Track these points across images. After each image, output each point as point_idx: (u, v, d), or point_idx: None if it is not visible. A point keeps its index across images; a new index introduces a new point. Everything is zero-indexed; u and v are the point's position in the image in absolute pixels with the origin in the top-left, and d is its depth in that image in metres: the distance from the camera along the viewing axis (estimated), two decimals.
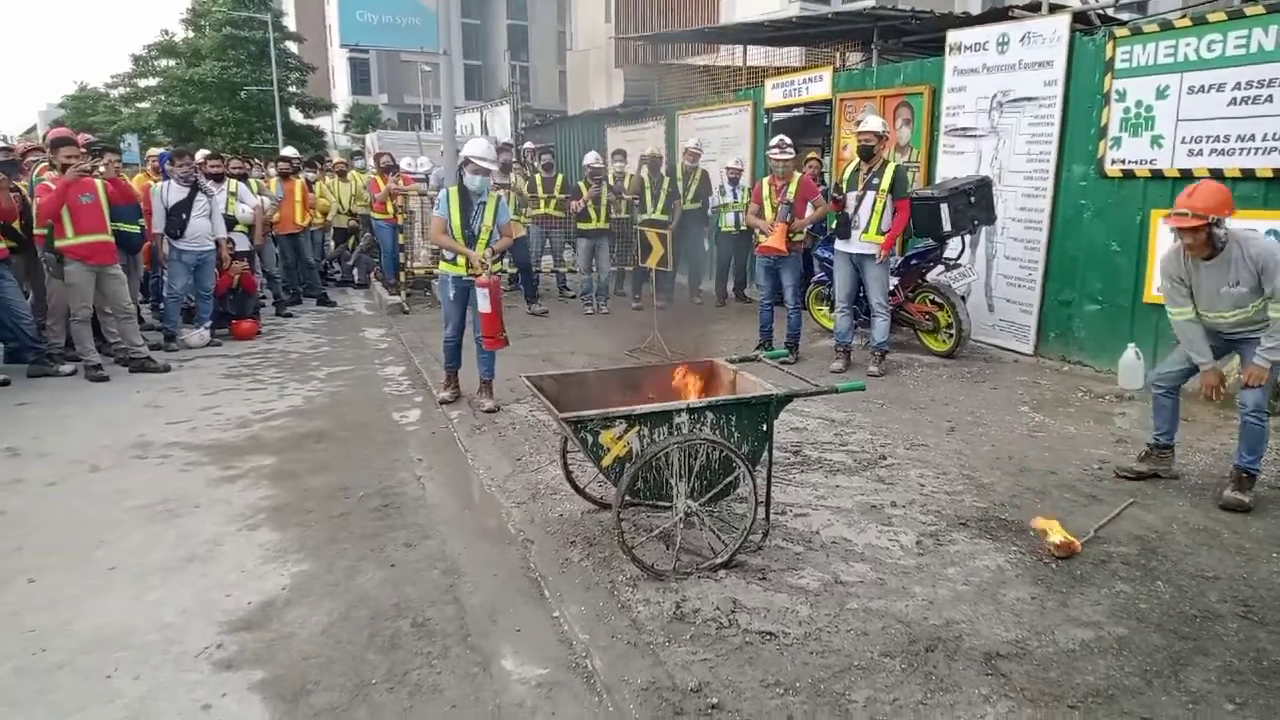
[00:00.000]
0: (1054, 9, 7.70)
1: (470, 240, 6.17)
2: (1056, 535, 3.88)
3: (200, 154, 10.21)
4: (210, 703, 2.96)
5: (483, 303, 6.04)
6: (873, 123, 7.10)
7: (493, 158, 6.35)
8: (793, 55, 14.99)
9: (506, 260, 10.53)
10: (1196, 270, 4.42)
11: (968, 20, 9.72)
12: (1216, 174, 6.11)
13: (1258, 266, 4.21)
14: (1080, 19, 7.45)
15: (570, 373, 4.54)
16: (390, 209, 11.64)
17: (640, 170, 10.94)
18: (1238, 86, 6.10)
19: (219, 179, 9.67)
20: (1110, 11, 8.33)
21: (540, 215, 11.26)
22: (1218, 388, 4.42)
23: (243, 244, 9.92)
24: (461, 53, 53.38)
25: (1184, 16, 6.46)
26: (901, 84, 9.19)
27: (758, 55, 13.93)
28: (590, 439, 3.66)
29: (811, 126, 10.93)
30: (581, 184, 10.87)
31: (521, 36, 59.86)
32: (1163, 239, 6.71)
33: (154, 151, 11.39)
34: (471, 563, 4.03)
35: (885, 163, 7.08)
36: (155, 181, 9.40)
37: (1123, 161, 6.97)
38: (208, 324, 9.13)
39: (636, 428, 3.71)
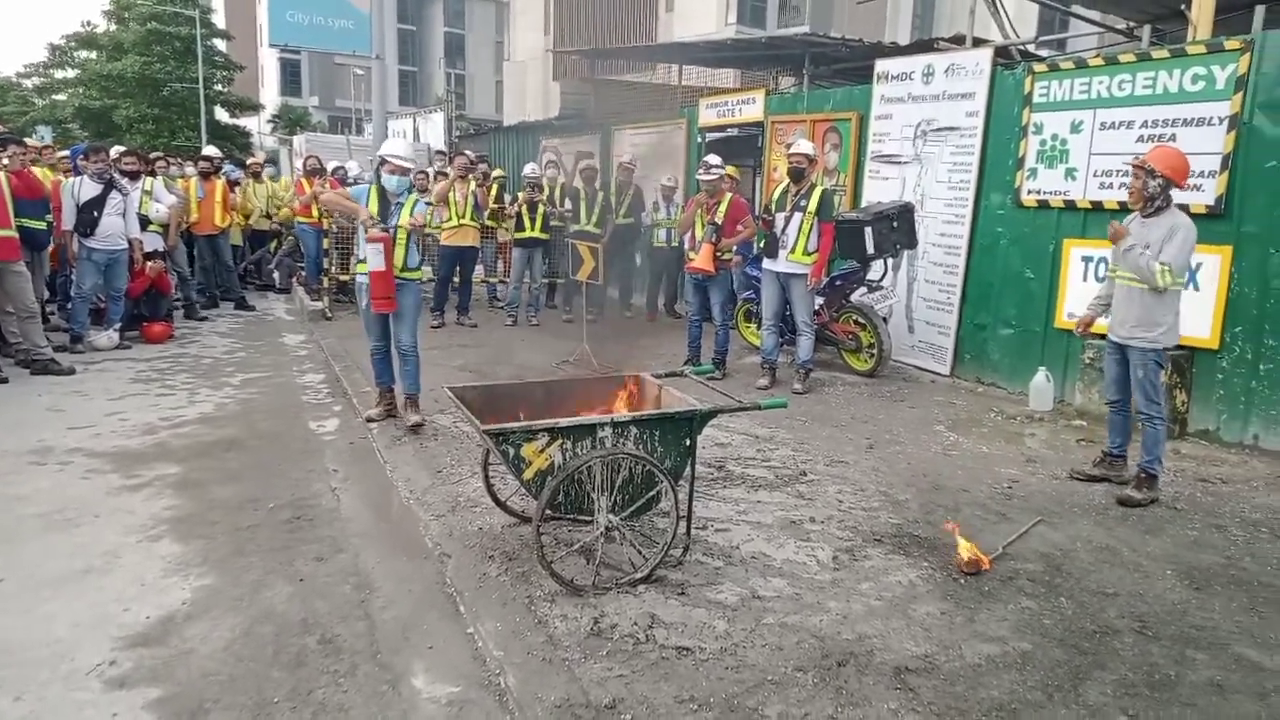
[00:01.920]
0: (977, 43, 7.97)
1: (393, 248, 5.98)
2: (965, 552, 3.97)
3: (115, 150, 9.83)
4: None
5: (373, 259, 5.67)
6: (804, 146, 7.23)
7: (410, 156, 6.22)
8: (727, 77, 15.21)
9: (428, 268, 10.33)
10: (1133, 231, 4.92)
11: (896, 50, 10.01)
12: (1125, 207, 6.37)
13: (1170, 235, 4.67)
14: (1002, 53, 7.72)
15: (494, 384, 4.49)
16: (315, 213, 11.37)
17: (574, 180, 10.92)
18: (1145, 124, 6.40)
19: (134, 176, 9.32)
20: (1031, 48, 8.66)
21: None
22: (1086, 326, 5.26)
23: (155, 244, 9.55)
24: (396, 58, 52.79)
25: (1097, 56, 6.76)
26: (831, 109, 9.39)
27: (693, 75, 14.09)
28: (512, 451, 3.62)
29: (744, 147, 11.08)
30: (520, 194, 10.80)
31: (459, 45, 59.41)
32: (1075, 267, 7.00)
33: (62, 152, 10.86)
34: (385, 577, 3.93)
35: (813, 186, 7.20)
36: (66, 178, 9.01)
37: (1038, 192, 7.23)
38: (117, 326, 8.77)
39: (560, 441, 3.68)
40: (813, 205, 7.04)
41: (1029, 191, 7.30)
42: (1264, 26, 5.76)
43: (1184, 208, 5.16)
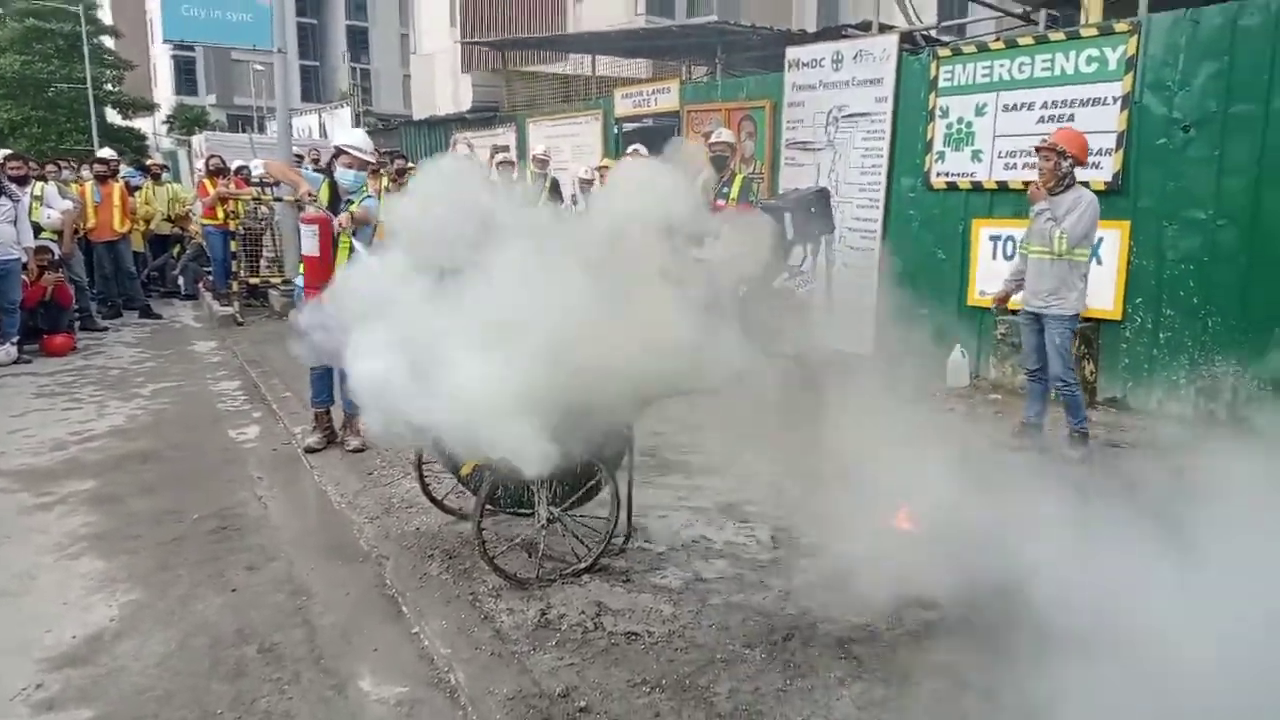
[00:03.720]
0: (883, 29, 8.17)
1: (334, 241, 5.35)
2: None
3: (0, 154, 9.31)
4: None
5: (307, 243, 5.10)
6: (724, 134, 7.30)
7: (370, 149, 5.61)
8: (640, 67, 15.23)
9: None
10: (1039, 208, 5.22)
11: (806, 38, 10.18)
12: (1030, 186, 6.64)
13: (1073, 207, 5.00)
14: (906, 39, 7.94)
15: None
16: (220, 214, 10.98)
17: (491, 174, 10.78)
18: (1045, 105, 6.67)
19: (22, 181, 8.83)
20: (934, 33, 8.92)
21: None
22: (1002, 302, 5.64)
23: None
24: (297, 53, 51.14)
25: (998, 39, 7.01)
26: (745, 98, 9.50)
27: (605, 65, 14.07)
28: (446, 448, 3.57)
29: (660, 137, 11.10)
30: None
31: (362, 38, 57.90)
32: (984, 246, 7.26)
33: None
34: (321, 583, 3.84)
35: (734, 174, 7.29)
36: None
37: (946, 174, 7.47)
38: (14, 339, 8.30)
39: None
40: (735, 192, 7.13)
41: (938, 174, 7.54)
42: (1149, 9, 6.06)
43: (1084, 184, 5.41)
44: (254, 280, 11.03)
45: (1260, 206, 5.63)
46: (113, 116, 37.00)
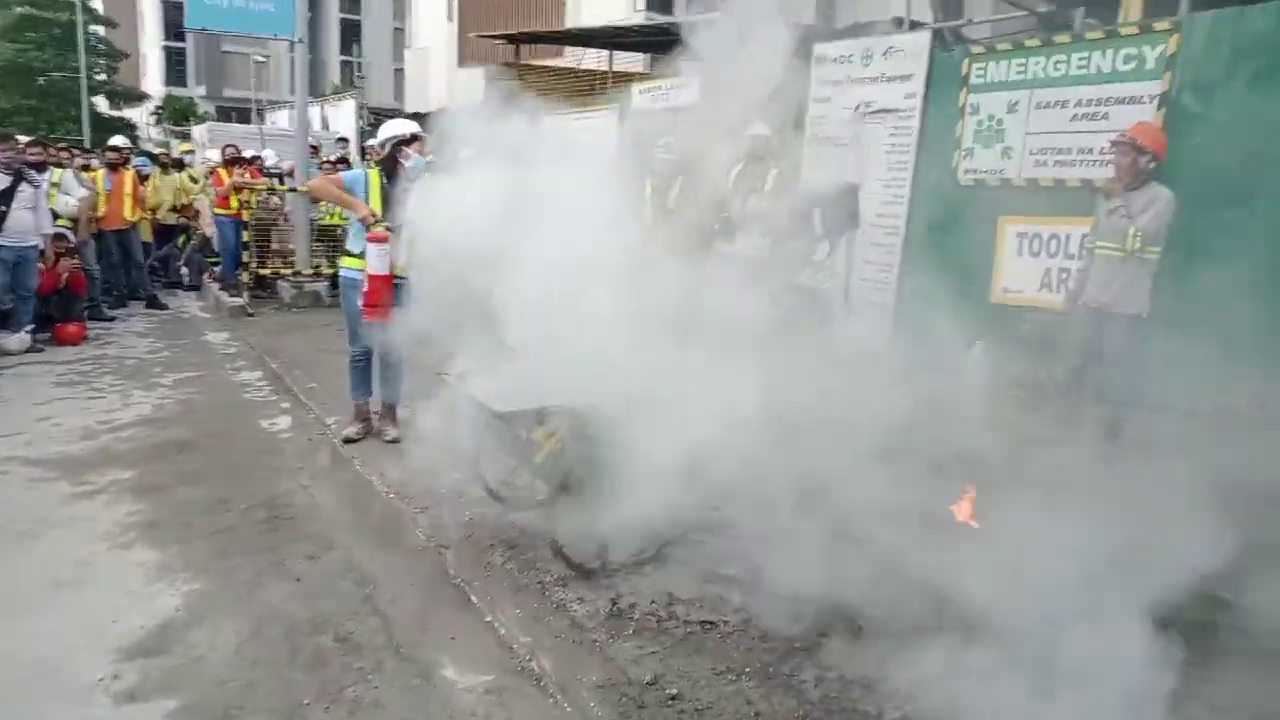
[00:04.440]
0: (914, 26, 8.17)
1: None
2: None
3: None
4: None
5: (374, 261, 4.94)
6: (760, 127, 7.28)
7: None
8: (635, 61, 15.06)
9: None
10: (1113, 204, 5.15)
11: (834, 33, 10.16)
12: (1060, 184, 6.67)
13: (1149, 205, 4.94)
14: (938, 36, 7.94)
15: None
16: (234, 203, 10.88)
17: None
18: (1079, 104, 6.68)
19: (39, 168, 8.71)
20: (964, 31, 8.93)
21: None
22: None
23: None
24: (286, 45, 50.80)
25: (1033, 37, 7.02)
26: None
27: (592, 60, 14.01)
28: (524, 435, 3.55)
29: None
30: None
31: (355, 31, 57.57)
32: (1010, 243, 7.28)
33: None
34: (384, 572, 3.81)
35: (769, 168, 7.27)
36: None
37: (975, 171, 7.48)
38: (29, 328, 8.20)
39: (569, 423, 3.62)
40: (769, 186, 7.11)
41: (966, 171, 7.54)
42: (1190, 9, 6.08)
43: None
44: (263, 271, 10.94)
45: None
46: (102, 107, 36.58)
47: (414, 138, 5.24)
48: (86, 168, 9.82)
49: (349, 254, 5.34)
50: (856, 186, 7.99)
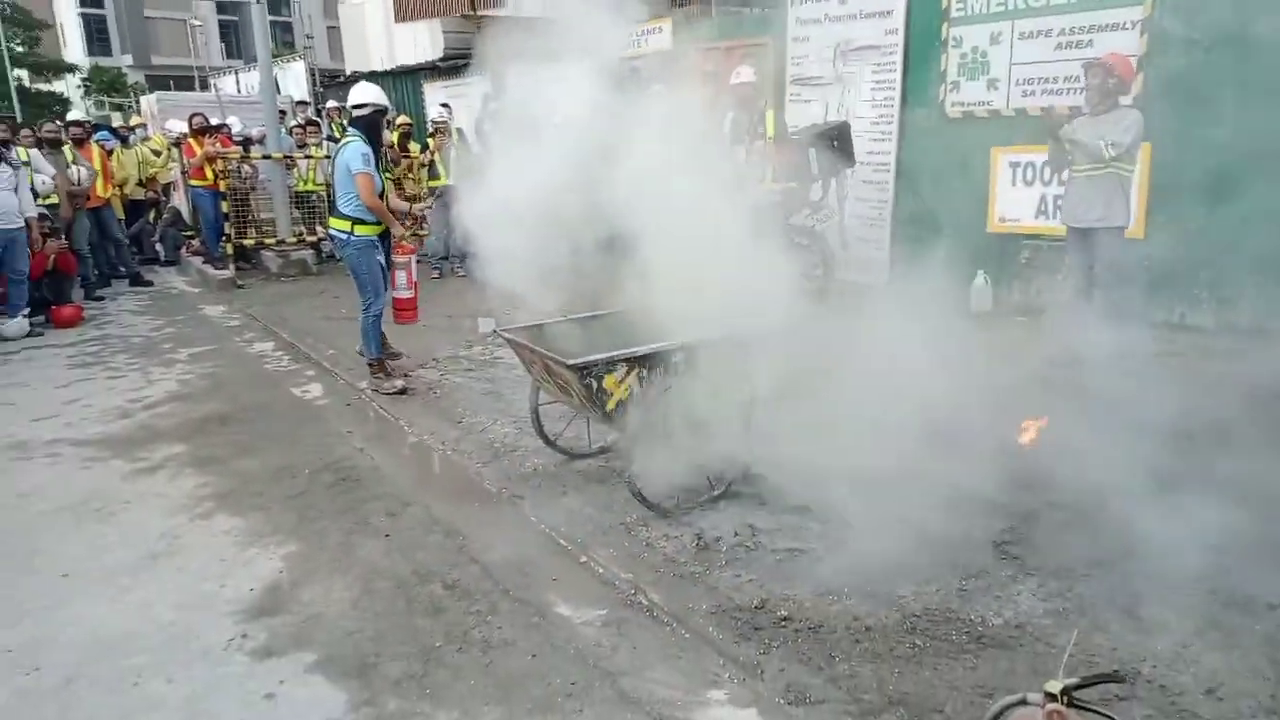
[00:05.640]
0: None
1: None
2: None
3: None
4: (271, 691, 2.81)
5: (402, 276, 5.46)
6: (746, 72, 7.36)
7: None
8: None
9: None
10: (1084, 126, 5.41)
11: None
12: (1049, 111, 6.87)
13: (1119, 121, 5.25)
14: None
15: (541, 324, 4.42)
16: (210, 174, 10.67)
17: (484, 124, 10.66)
18: (1062, 32, 6.88)
19: (4, 145, 8.47)
20: None
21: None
22: None
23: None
24: (214, 7, 48.77)
25: None
26: (743, 35, 9.52)
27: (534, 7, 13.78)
28: (595, 384, 3.70)
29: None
30: (430, 140, 10.49)
31: None
32: (1003, 173, 7.51)
33: None
34: (468, 523, 3.96)
35: (764, 111, 7.37)
36: None
37: (962, 104, 7.67)
38: (25, 312, 8.08)
39: (637, 370, 3.78)
40: (770, 129, 7.23)
41: (953, 104, 7.73)
42: None
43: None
44: (247, 242, 10.81)
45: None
46: (28, 81, 35.04)
47: (385, 110, 5.76)
48: (57, 143, 9.53)
49: (363, 221, 5.68)
50: (849, 125, 8.15)
